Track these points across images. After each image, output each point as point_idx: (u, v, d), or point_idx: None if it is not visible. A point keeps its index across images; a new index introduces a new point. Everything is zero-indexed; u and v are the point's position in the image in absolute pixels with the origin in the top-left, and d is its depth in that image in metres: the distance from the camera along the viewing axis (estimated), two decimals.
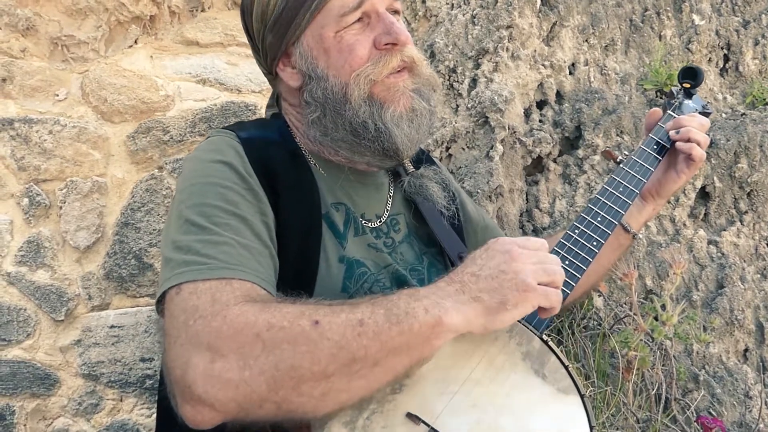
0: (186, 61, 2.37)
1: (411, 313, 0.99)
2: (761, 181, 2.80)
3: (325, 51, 1.26)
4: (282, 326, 0.97)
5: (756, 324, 2.70)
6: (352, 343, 0.96)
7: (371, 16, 1.25)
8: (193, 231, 1.11)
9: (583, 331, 2.40)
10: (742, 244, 2.81)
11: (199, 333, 0.97)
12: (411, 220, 1.44)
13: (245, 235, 1.12)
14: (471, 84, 2.58)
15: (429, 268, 1.41)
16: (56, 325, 2.17)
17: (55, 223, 2.19)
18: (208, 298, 1.01)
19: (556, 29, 2.75)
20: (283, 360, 0.95)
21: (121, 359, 2.18)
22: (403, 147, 1.26)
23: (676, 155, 1.50)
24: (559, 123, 2.69)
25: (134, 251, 2.19)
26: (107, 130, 2.25)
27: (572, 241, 1.31)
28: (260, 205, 1.18)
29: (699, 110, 1.57)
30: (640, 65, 2.98)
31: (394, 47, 1.24)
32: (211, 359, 0.95)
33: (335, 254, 1.26)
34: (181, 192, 1.19)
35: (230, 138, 1.26)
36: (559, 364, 1.14)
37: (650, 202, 1.57)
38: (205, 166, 1.21)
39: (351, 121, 1.24)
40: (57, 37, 2.24)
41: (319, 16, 1.25)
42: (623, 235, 1.55)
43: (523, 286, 1.04)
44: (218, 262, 1.06)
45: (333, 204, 1.31)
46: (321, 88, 1.26)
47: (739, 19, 3.27)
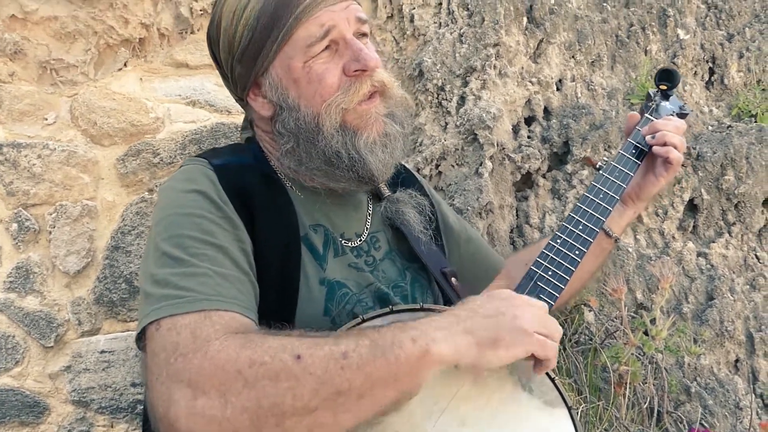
0: (176, 83, 2.38)
1: (397, 344, 0.98)
2: (748, 193, 2.82)
3: (294, 81, 1.25)
4: (263, 362, 0.96)
5: (746, 335, 2.71)
6: (336, 377, 0.95)
7: (339, 43, 1.25)
8: (170, 264, 1.10)
9: (574, 346, 2.40)
10: (731, 256, 2.82)
11: (180, 370, 0.97)
12: (392, 236, 1.44)
13: (223, 263, 1.12)
14: (459, 102, 2.59)
15: (412, 283, 1.41)
16: (46, 352, 2.16)
17: (44, 248, 2.18)
18: (188, 334, 1.01)
19: (542, 46, 2.77)
20: (266, 396, 0.94)
21: (111, 384, 2.16)
22: (377, 173, 1.27)
23: (655, 158, 1.50)
24: (548, 139, 2.70)
25: (125, 275, 2.18)
26: (97, 153, 2.25)
27: (555, 251, 1.31)
28: (237, 232, 1.18)
29: (677, 111, 1.57)
30: (627, 80, 3.00)
31: (364, 73, 1.24)
32: (192, 396, 0.95)
33: (316, 277, 1.26)
34: (156, 224, 1.19)
35: (203, 166, 1.26)
36: (546, 377, 1.14)
37: (630, 206, 1.57)
38: (178, 196, 1.21)
39: (325, 150, 1.24)
40: (46, 60, 2.24)
41: (286, 46, 1.24)
42: (606, 240, 1.55)
43: (520, 330, 1.04)
44: (197, 294, 1.06)
45: (311, 226, 1.31)
46: (293, 119, 1.26)
47: (724, 33, 3.30)
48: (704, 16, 3.33)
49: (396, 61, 2.74)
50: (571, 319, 2.44)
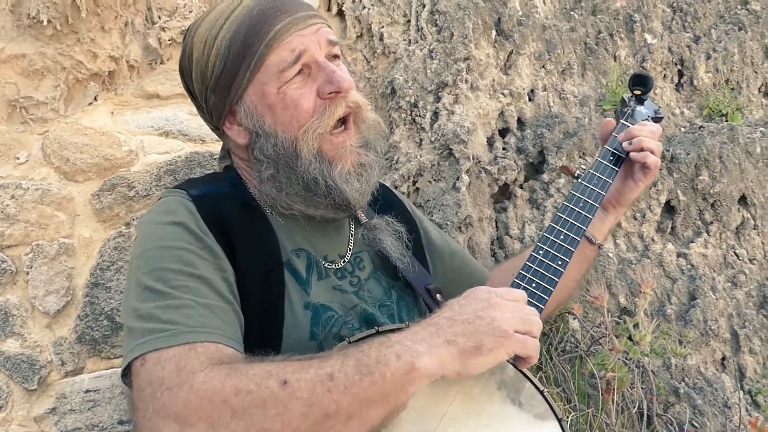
0: (147, 114, 2.37)
1: (382, 362, 0.98)
2: (723, 191, 2.85)
3: (270, 107, 1.26)
4: (249, 390, 0.96)
5: (731, 332, 2.73)
6: (323, 400, 0.95)
7: (312, 67, 1.26)
8: (152, 297, 1.10)
9: (561, 355, 2.41)
10: (711, 255, 2.85)
11: (167, 405, 0.96)
12: (375, 256, 1.44)
13: (205, 294, 1.11)
14: (433, 117, 2.61)
15: (398, 301, 1.40)
16: (29, 395, 2.13)
17: (22, 290, 2.15)
18: (173, 368, 1.00)
19: (512, 58, 2.79)
20: (254, 425, 0.94)
21: (98, 424, 2.14)
22: (354, 201, 1.27)
23: (632, 164, 1.50)
24: (523, 149, 2.72)
25: (106, 311, 2.16)
26: (71, 189, 2.23)
27: (538, 262, 1.31)
28: (218, 261, 1.17)
29: (651, 116, 1.57)
30: (598, 87, 3.03)
31: (338, 95, 1.25)
32: (180, 430, 0.94)
33: (300, 301, 1.25)
34: (137, 258, 1.18)
35: (181, 197, 1.26)
36: (535, 390, 1.14)
37: (611, 211, 1.57)
38: (157, 228, 1.20)
39: (303, 176, 1.25)
40: (14, 99, 2.23)
41: (259, 73, 1.25)
42: (589, 247, 1.55)
43: (499, 332, 1.04)
44: (180, 326, 1.05)
45: (293, 251, 1.30)
46: (271, 145, 1.26)
47: (690, 35, 3.35)
48: (670, 19, 3.37)
49: (368, 79, 2.75)
50: (556, 328, 2.45)
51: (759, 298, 2.85)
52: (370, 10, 2.71)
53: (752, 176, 2.94)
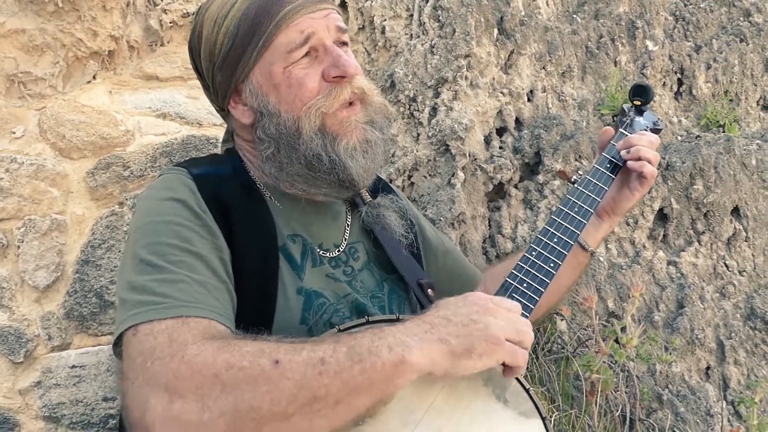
0: (145, 95, 2.37)
1: (374, 352, 0.98)
2: (717, 202, 2.86)
3: (275, 87, 1.26)
4: (242, 366, 0.96)
5: (716, 342, 2.75)
6: (313, 383, 0.96)
7: (319, 50, 1.26)
8: (148, 270, 1.10)
9: (547, 355, 2.42)
10: (701, 264, 2.86)
11: (157, 374, 0.97)
12: (370, 247, 1.44)
13: (201, 271, 1.12)
14: (431, 113, 2.61)
15: (390, 294, 1.41)
16: (15, 367, 2.13)
17: (13, 263, 2.15)
18: (165, 339, 1.01)
19: (513, 57, 2.80)
20: (243, 401, 0.94)
21: (83, 400, 2.14)
22: (358, 178, 1.27)
23: (629, 173, 1.51)
24: (519, 149, 2.72)
25: (95, 289, 2.16)
26: (66, 166, 2.23)
27: (530, 263, 1.32)
28: (215, 240, 1.18)
29: (650, 126, 1.58)
30: (597, 91, 3.04)
31: (343, 79, 1.25)
32: (169, 400, 0.94)
33: (293, 286, 1.26)
34: (134, 232, 1.19)
35: (182, 175, 1.26)
36: (521, 387, 1.15)
37: (606, 219, 1.58)
38: (157, 204, 1.21)
39: (305, 154, 1.25)
40: (13, 73, 2.22)
41: (266, 53, 1.26)
42: (581, 253, 1.56)
43: (492, 339, 1.04)
44: (174, 300, 1.06)
45: (289, 236, 1.31)
46: (274, 124, 1.27)
47: (691, 44, 3.36)
48: (672, 27, 3.38)
49: (368, 72, 2.75)
50: (543, 328, 2.46)
51: (746, 310, 2.86)
52: (373, 3, 2.72)
53: (746, 188, 2.96)
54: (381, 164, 1.33)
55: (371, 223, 1.42)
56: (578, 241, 1.48)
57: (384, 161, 1.35)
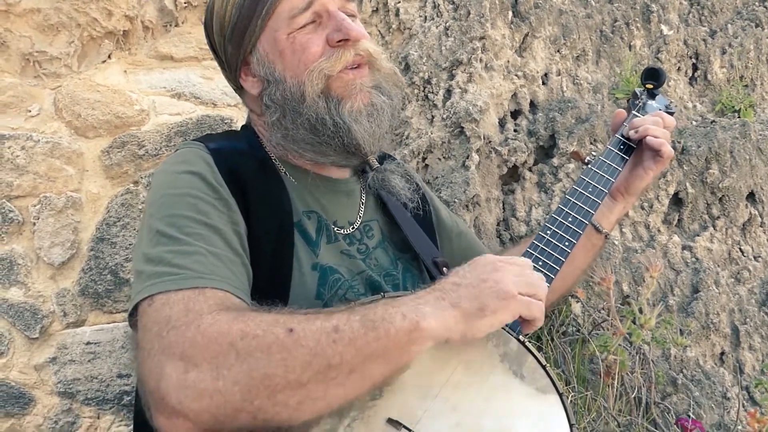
0: (160, 75, 2.36)
1: (388, 319, 0.98)
2: (732, 187, 2.84)
3: (280, 53, 1.27)
4: (256, 334, 0.96)
5: (731, 327, 2.73)
6: (327, 350, 0.95)
7: (323, 16, 1.27)
8: (164, 242, 1.10)
9: (562, 337, 2.41)
10: (716, 249, 2.84)
11: (173, 343, 0.96)
12: (385, 225, 1.45)
13: (217, 244, 1.12)
14: (446, 95, 2.60)
15: (404, 273, 1.41)
16: (30, 343, 2.13)
17: (28, 240, 2.15)
18: (181, 308, 1.00)
19: (528, 40, 2.78)
20: (258, 369, 0.94)
21: (97, 376, 2.14)
22: (363, 142, 1.27)
23: (642, 153, 1.52)
24: (534, 132, 2.71)
25: (110, 266, 2.16)
26: (81, 145, 2.23)
27: (544, 242, 1.32)
28: (231, 214, 1.18)
29: (662, 110, 1.58)
30: (612, 75, 3.02)
31: (347, 43, 1.25)
32: (184, 369, 0.94)
33: (308, 262, 1.26)
34: (151, 204, 1.19)
35: (199, 149, 1.26)
36: (537, 364, 1.15)
37: (620, 200, 1.58)
38: (174, 177, 1.21)
39: (308, 118, 1.25)
40: (29, 53, 2.22)
41: (270, 21, 1.26)
42: (595, 235, 1.56)
43: (503, 294, 1.04)
44: (190, 271, 1.05)
45: (305, 212, 1.31)
46: (279, 91, 1.27)
47: (706, 29, 3.33)
48: (687, 12, 3.36)
49: None
50: (558, 311, 2.45)
51: (761, 295, 2.85)
52: None
53: (762, 173, 2.94)
54: (387, 130, 1.32)
55: (378, 188, 1.42)
56: (592, 222, 1.48)
57: (391, 128, 1.33)
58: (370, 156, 1.37)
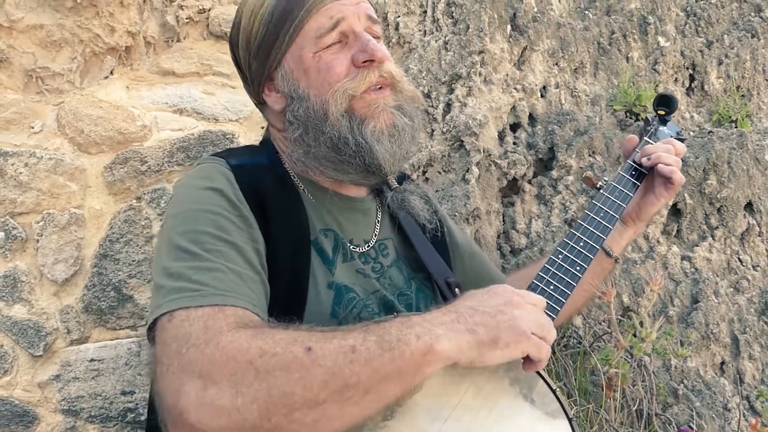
0: (162, 91, 2.37)
1: (403, 340, 0.99)
2: (730, 197, 2.86)
3: (305, 71, 1.28)
4: (275, 353, 0.97)
5: (731, 337, 2.74)
6: (345, 370, 0.96)
7: (349, 37, 1.29)
8: (184, 257, 1.11)
9: (563, 350, 2.42)
10: (715, 259, 2.86)
11: (192, 361, 0.97)
12: (400, 244, 1.46)
13: (236, 261, 1.13)
14: (445, 108, 2.61)
15: (417, 293, 1.42)
16: (34, 361, 2.13)
17: (31, 257, 2.15)
18: (201, 326, 1.01)
19: (526, 53, 2.80)
20: (276, 387, 0.95)
21: (101, 393, 2.14)
22: (384, 162, 1.28)
23: (654, 180, 1.53)
24: (533, 145, 2.73)
25: (113, 283, 2.16)
26: (84, 161, 2.23)
27: (556, 266, 1.34)
28: (251, 231, 1.19)
29: (673, 136, 1.60)
30: (609, 87, 3.04)
31: (372, 64, 1.27)
32: (203, 386, 0.95)
33: (324, 280, 1.27)
34: (172, 218, 1.20)
35: (221, 165, 1.28)
36: (547, 388, 1.16)
37: (630, 225, 1.60)
38: (196, 192, 1.22)
39: (331, 136, 1.26)
40: (31, 69, 2.23)
41: (297, 38, 1.28)
42: (605, 259, 1.58)
43: (518, 331, 1.05)
44: (210, 288, 1.06)
45: (322, 230, 1.32)
46: (303, 108, 1.28)
47: (703, 40, 3.36)
48: (683, 23, 3.39)
49: None
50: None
51: (761, 304, 2.86)
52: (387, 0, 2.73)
53: (759, 183, 2.96)
54: (408, 151, 1.33)
55: (396, 209, 1.43)
56: (603, 246, 1.49)
57: (412, 149, 1.35)
58: (389, 176, 1.38)
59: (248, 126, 2.42)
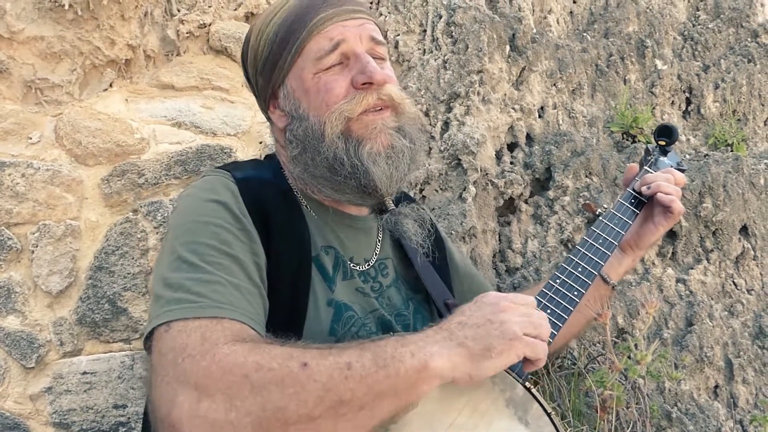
0: (161, 104, 2.38)
1: (398, 357, 1.00)
2: (726, 220, 2.87)
3: (305, 92, 1.30)
4: (271, 367, 0.97)
5: (725, 361, 2.74)
6: (340, 386, 0.97)
7: (350, 58, 1.29)
8: (185, 269, 1.12)
9: (558, 371, 2.41)
10: (709, 282, 2.86)
11: (187, 372, 0.97)
12: (399, 264, 1.46)
13: (237, 274, 1.13)
14: (443, 127, 2.62)
15: (414, 314, 1.42)
16: (26, 373, 2.12)
17: (26, 268, 2.15)
18: (198, 337, 1.01)
19: (525, 74, 2.82)
20: (271, 401, 0.95)
21: (93, 406, 2.12)
22: (381, 184, 1.28)
23: (653, 209, 1.54)
24: (530, 165, 2.73)
25: (108, 295, 2.15)
26: (81, 173, 2.23)
27: (554, 290, 1.34)
28: (253, 245, 1.19)
29: (674, 166, 1.61)
30: (607, 108, 3.06)
31: (371, 86, 1.27)
32: (197, 399, 0.95)
33: (324, 297, 1.28)
34: (174, 228, 1.20)
35: (226, 178, 1.28)
36: (542, 411, 1.16)
37: (629, 253, 1.61)
38: (200, 204, 1.23)
39: (327, 157, 1.27)
40: (31, 80, 2.23)
41: (299, 59, 1.30)
42: (603, 286, 1.59)
43: (509, 335, 1.05)
44: (209, 300, 1.07)
45: (323, 247, 1.33)
46: (302, 127, 1.30)
47: (700, 64, 3.38)
48: (681, 47, 3.41)
49: None
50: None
51: (755, 328, 2.86)
52: (387, 18, 2.74)
53: (755, 207, 2.97)
54: (407, 172, 1.33)
55: (391, 231, 1.43)
56: (601, 273, 1.49)
57: (411, 170, 1.34)
58: (386, 197, 1.38)
59: (246, 140, 2.42)
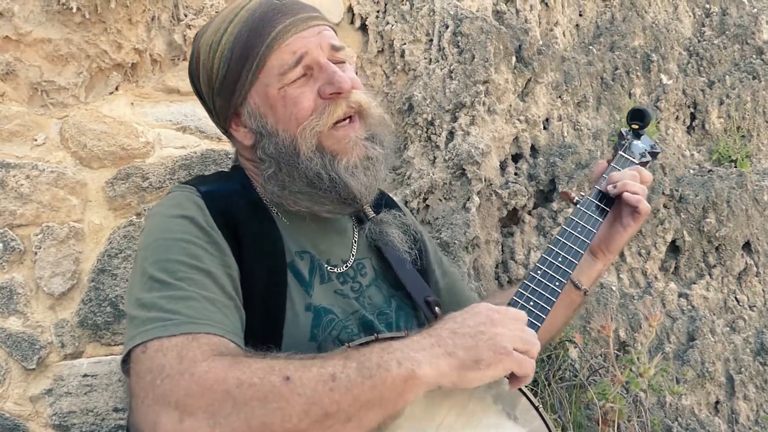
0: (167, 108, 2.38)
1: (383, 366, 0.99)
2: (729, 236, 2.87)
3: (271, 107, 1.27)
4: (252, 383, 0.96)
5: (726, 376, 2.74)
6: (324, 399, 0.96)
7: (313, 68, 1.27)
8: (157, 287, 1.10)
9: (559, 383, 2.40)
10: (712, 297, 2.86)
11: (167, 392, 0.96)
12: (378, 263, 1.45)
13: (209, 288, 1.12)
14: (448, 137, 2.62)
15: (397, 311, 1.41)
16: (27, 374, 2.11)
17: (29, 269, 2.14)
18: (175, 356, 1.00)
19: (530, 85, 2.82)
20: (255, 418, 0.94)
21: (93, 409, 2.12)
22: (360, 195, 1.28)
23: (622, 208, 1.48)
24: (534, 176, 2.74)
25: (110, 298, 2.15)
26: (86, 175, 2.23)
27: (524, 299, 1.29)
28: (223, 257, 1.18)
29: (648, 150, 1.56)
30: (611, 121, 3.06)
31: (339, 95, 1.26)
32: (179, 418, 0.94)
33: (302, 303, 1.26)
34: (143, 249, 1.19)
35: (191, 192, 1.27)
36: (530, 405, 1.16)
37: (600, 257, 1.54)
38: (166, 221, 1.21)
39: (305, 172, 1.26)
40: (37, 82, 2.23)
41: (261, 75, 1.27)
42: (574, 291, 1.52)
43: (499, 349, 1.05)
44: (183, 317, 1.05)
45: (297, 252, 1.31)
46: (273, 144, 1.27)
47: (705, 80, 3.39)
48: (686, 62, 3.42)
49: (386, 94, 2.77)
50: (555, 356, 2.44)
51: (756, 345, 2.86)
52: (394, 27, 2.74)
53: (758, 223, 2.97)
54: (383, 179, 1.33)
55: (375, 240, 1.42)
56: (571, 279, 1.45)
57: (386, 172, 1.34)
58: (365, 205, 1.37)
59: None
